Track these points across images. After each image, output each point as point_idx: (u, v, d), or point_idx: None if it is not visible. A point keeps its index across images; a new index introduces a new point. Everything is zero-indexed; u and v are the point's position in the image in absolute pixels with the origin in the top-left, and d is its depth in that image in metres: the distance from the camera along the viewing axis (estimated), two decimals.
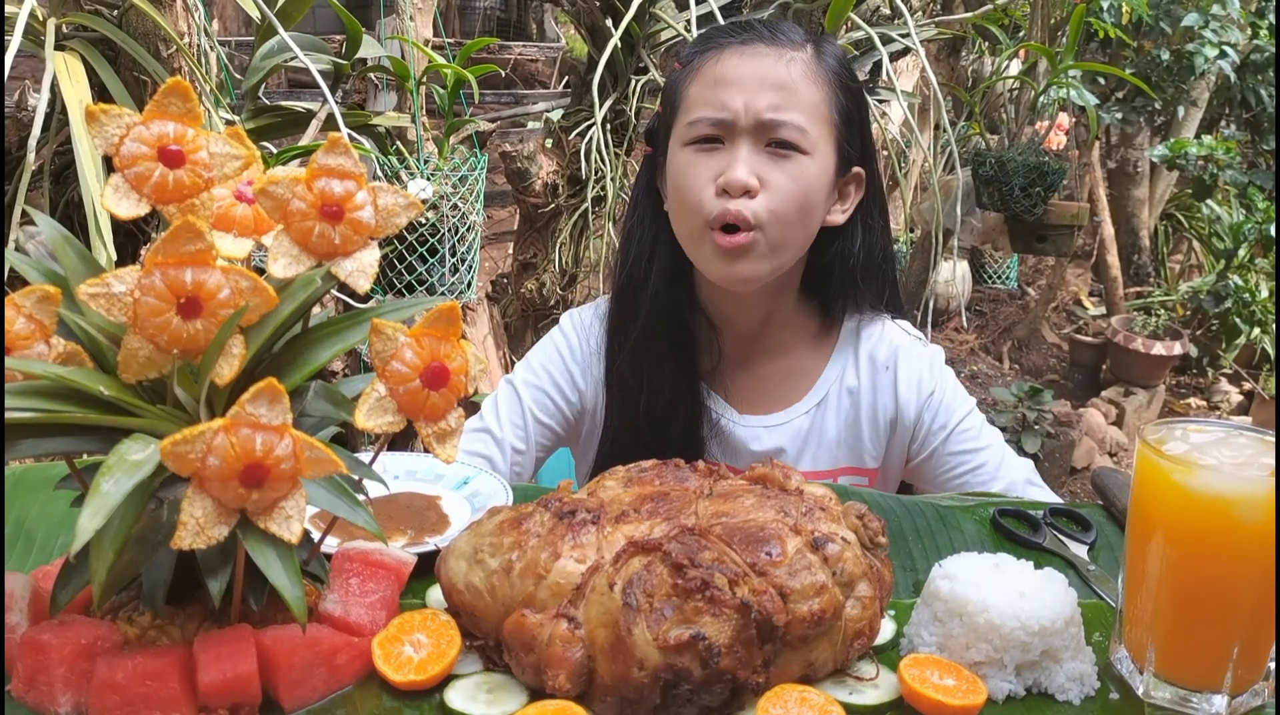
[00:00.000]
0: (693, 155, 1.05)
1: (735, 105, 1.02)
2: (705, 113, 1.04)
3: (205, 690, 0.60)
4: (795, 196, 1.03)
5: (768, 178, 1.02)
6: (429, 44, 2.08)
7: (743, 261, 1.04)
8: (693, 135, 1.05)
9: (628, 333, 1.14)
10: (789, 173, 1.03)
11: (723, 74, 1.04)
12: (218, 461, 0.54)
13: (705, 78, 1.06)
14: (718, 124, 1.03)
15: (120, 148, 0.61)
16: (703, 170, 1.04)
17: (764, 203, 1.03)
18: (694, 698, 0.63)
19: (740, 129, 1.03)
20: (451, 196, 1.89)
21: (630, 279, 1.15)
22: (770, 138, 1.03)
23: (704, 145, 1.04)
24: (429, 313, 0.63)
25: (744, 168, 1.02)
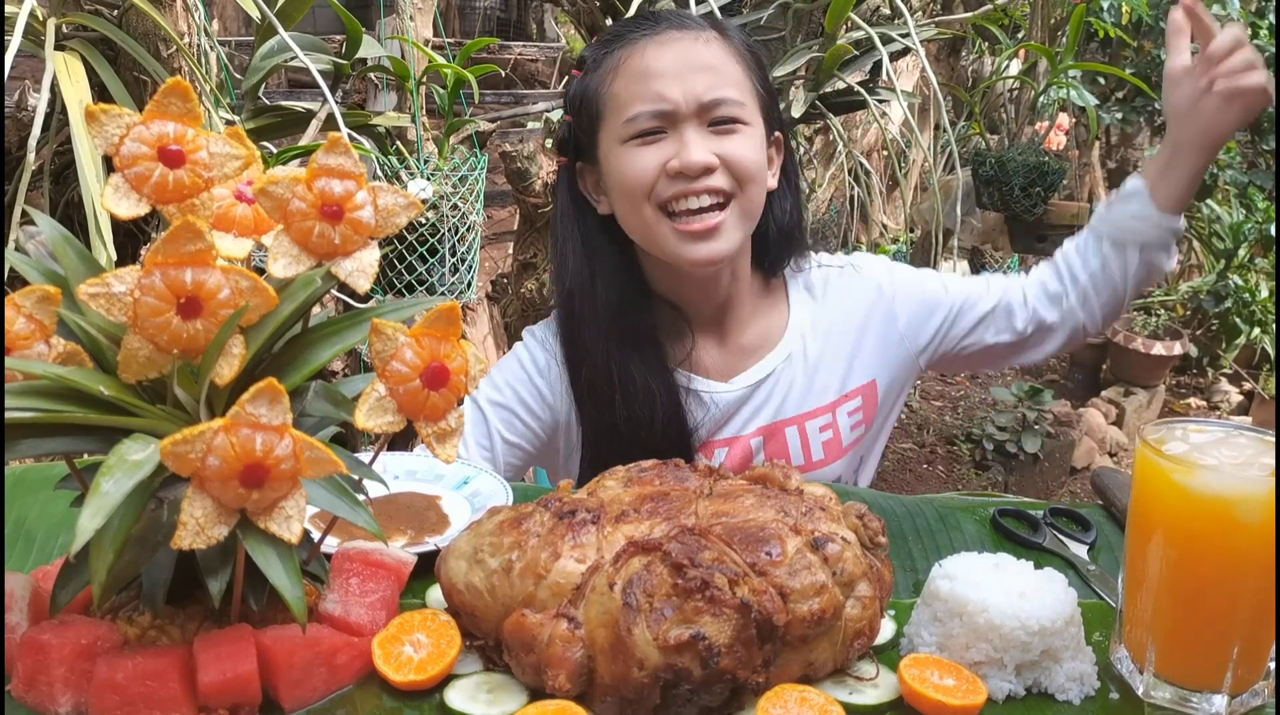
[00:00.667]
0: (635, 149, 1.05)
1: (673, 94, 1.03)
2: (642, 107, 1.04)
3: (205, 690, 0.60)
4: (753, 163, 1.06)
5: (723, 151, 1.04)
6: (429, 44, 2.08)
7: (717, 239, 1.05)
8: (633, 131, 1.05)
9: (584, 344, 1.13)
10: (740, 143, 1.05)
11: (649, 66, 1.05)
12: (218, 461, 0.54)
13: (630, 73, 1.06)
14: (658, 115, 1.04)
15: (120, 148, 0.61)
16: (650, 159, 1.04)
17: (725, 175, 1.04)
18: (694, 698, 0.63)
19: (683, 115, 1.03)
20: (451, 196, 1.89)
21: (574, 291, 1.13)
22: (714, 116, 1.04)
23: (646, 138, 1.05)
24: (429, 313, 0.63)
25: (697, 148, 1.03)
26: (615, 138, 1.07)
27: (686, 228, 1.04)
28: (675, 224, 1.04)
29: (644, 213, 1.06)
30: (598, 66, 1.09)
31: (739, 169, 1.04)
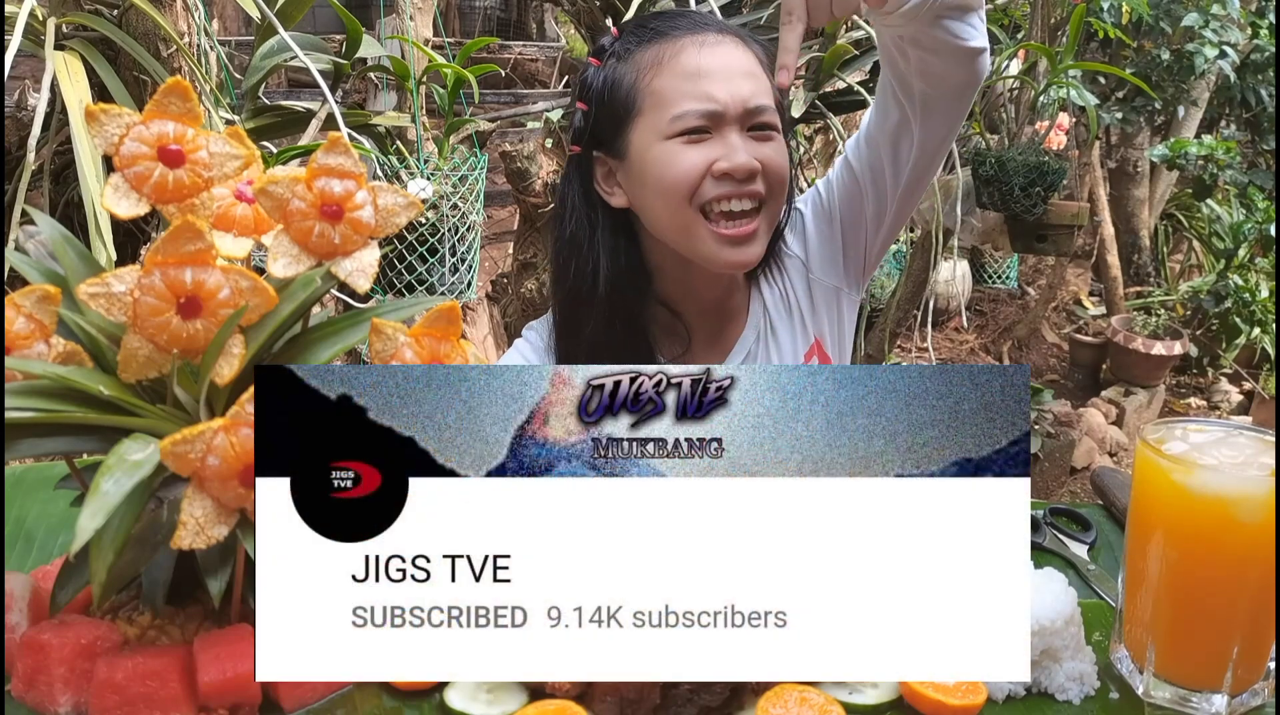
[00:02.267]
0: (680, 147, 1.05)
1: (722, 96, 1.04)
2: (691, 105, 1.04)
3: (205, 690, 0.60)
4: (785, 169, 1.08)
5: (762, 158, 1.05)
6: (429, 44, 2.08)
7: (753, 243, 1.07)
8: (680, 128, 1.05)
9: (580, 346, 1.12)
10: (776, 150, 1.07)
11: (701, 65, 1.05)
12: (218, 461, 0.54)
13: (676, 70, 1.05)
14: (707, 115, 1.04)
15: (120, 147, 0.61)
16: (695, 159, 1.04)
17: (764, 183, 1.06)
18: (694, 697, 0.63)
19: (729, 118, 1.04)
20: (451, 196, 1.89)
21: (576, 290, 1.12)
22: (753, 123, 1.06)
23: (692, 137, 1.05)
24: (429, 312, 0.63)
25: (745, 153, 1.04)
26: (655, 133, 1.06)
27: (726, 232, 1.05)
28: (714, 227, 1.05)
29: (683, 212, 1.05)
30: (628, 58, 1.08)
31: (775, 176, 1.06)
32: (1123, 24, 3.43)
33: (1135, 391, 4.27)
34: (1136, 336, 4.22)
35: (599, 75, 1.10)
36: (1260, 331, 4.25)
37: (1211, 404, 4.42)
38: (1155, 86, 3.49)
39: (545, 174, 2.18)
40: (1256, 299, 4.17)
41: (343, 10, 1.73)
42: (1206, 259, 5.02)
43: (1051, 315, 5.14)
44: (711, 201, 1.04)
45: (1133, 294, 4.90)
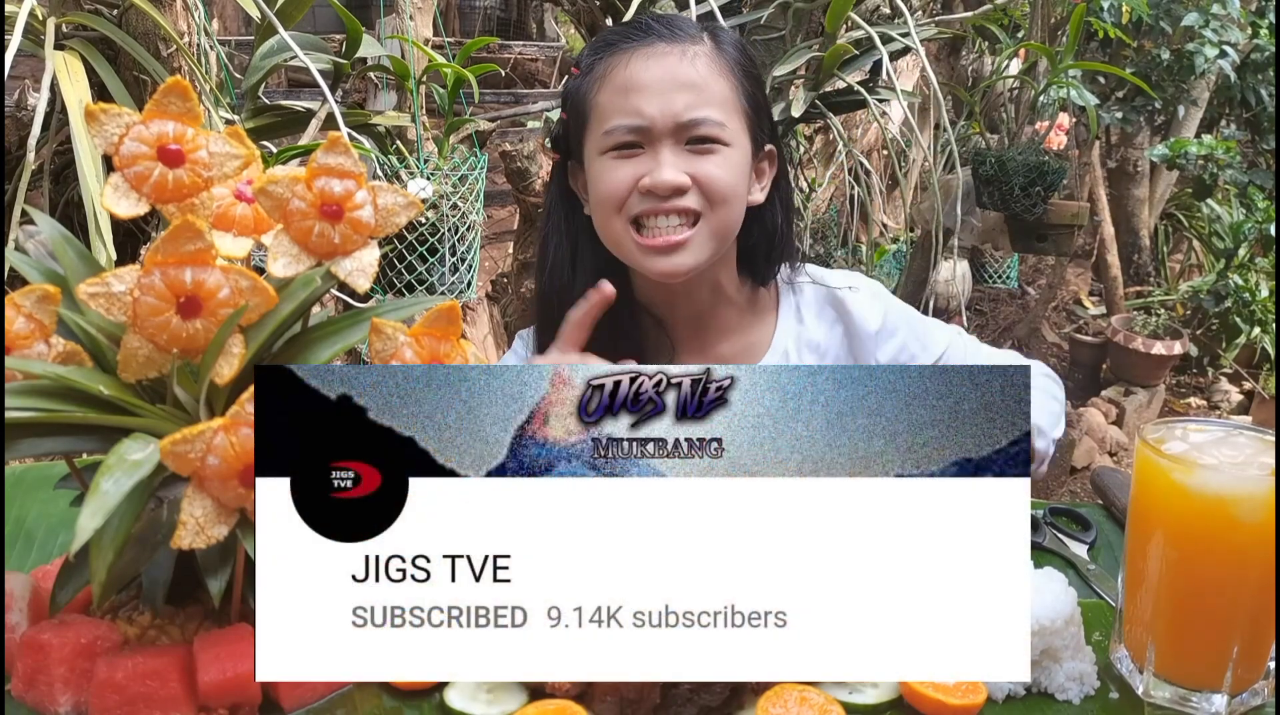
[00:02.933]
0: (612, 161, 1.05)
1: (650, 111, 1.03)
2: (620, 120, 1.04)
3: (205, 690, 0.60)
4: (726, 183, 1.05)
5: (697, 172, 1.03)
6: (429, 43, 2.08)
7: (682, 253, 1.05)
8: (610, 143, 1.05)
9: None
10: (716, 164, 1.04)
11: (631, 80, 1.04)
12: (218, 461, 0.54)
13: (613, 84, 1.05)
14: (634, 130, 1.04)
15: (120, 147, 0.61)
16: (623, 174, 1.04)
17: (697, 196, 1.04)
18: (694, 697, 0.63)
19: (658, 133, 1.03)
20: (451, 196, 1.89)
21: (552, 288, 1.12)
22: (690, 135, 1.04)
23: (622, 152, 1.05)
24: (429, 312, 0.63)
25: (669, 169, 1.02)
26: (596, 147, 1.07)
27: (649, 242, 1.04)
28: (639, 238, 1.05)
29: (614, 225, 1.06)
30: (589, 71, 1.09)
31: (711, 191, 1.04)
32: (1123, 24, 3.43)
33: (1135, 391, 4.26)
34: (1136, 336, 4.22)
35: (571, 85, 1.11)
36: (1260, 331, 4.25)
37: (1211, 404, 4.42)
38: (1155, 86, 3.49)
39: (545, 174, 2.18)
40: (1256, 299, 4.17)
41: (343, 10, 1.73)
42: (1206, 259, 5.02)
43: (1051, 315, 5.14)
44: (640, 216, 1.04)
45: (1133, 294, 4.90)
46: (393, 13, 2.11)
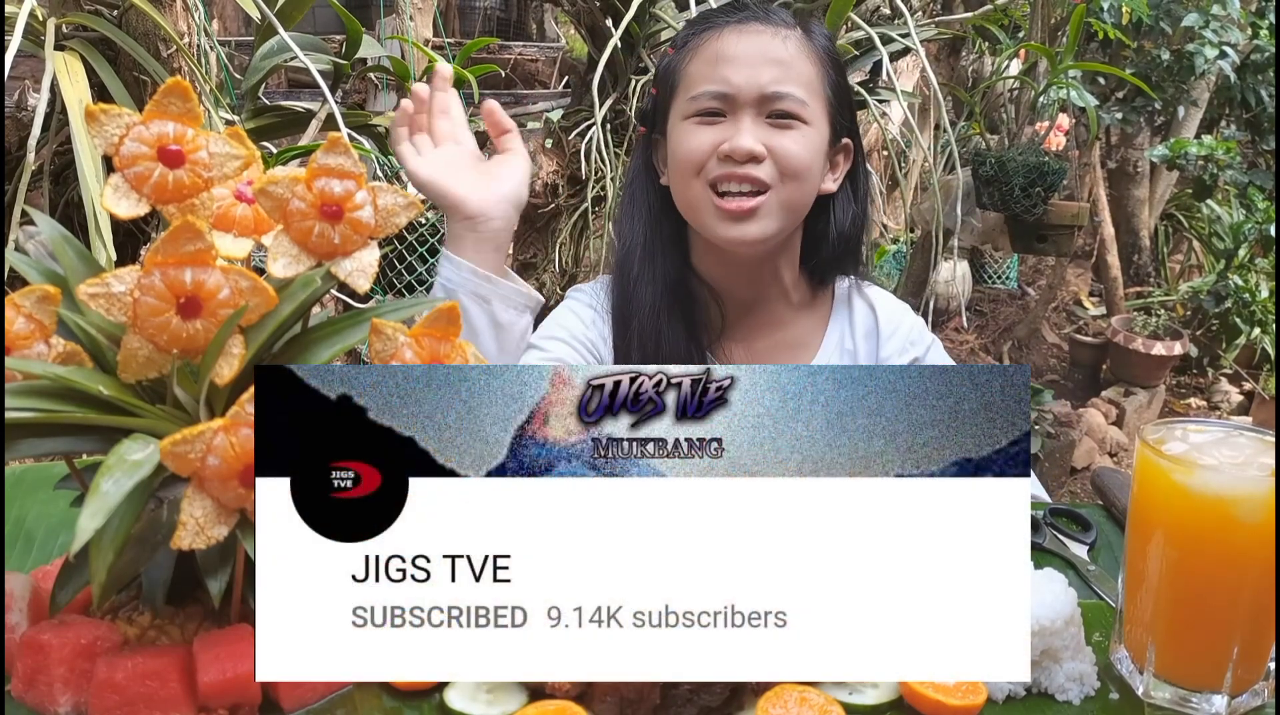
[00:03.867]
0: (694, 126, 1.09)
1: (737, 80, 1.07)
2: (707, 87, 1.08)
3: (205, 690, 0.60)
4: (802, 158, 1.08)
5: (773, 144, 1.07)
6: (429, 44, 2.08)
7: (753, 222, 1.08)
8: (695, 109, 1.09)
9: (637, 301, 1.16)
10: (793, 139, 1.08)
11: (723, 51, 1.09)
12: (217, 461, 0.54)
13: (705, 55, 1.10)
14: (719, 97, 1.07)
15: (120, 147, 0.61)
16: (705, 138, 1.08)
17: (770, 167, 1.07)
18: (694, 697, 0.63)
19: (742, 102, 1.07)
20: None
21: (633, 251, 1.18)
22: (772, 109, 1.07)
23: (706, 118, 1.09)
24: (429, 312, 0.63)
25: (749, 136, 1.06)
26: (680, 113, 1.11)
27: (725, 206, 1.08)
28: (717, 200, 1.08)
29: (693, 187, 1.10)
30: (683, 45, 1.14)
31: (784, 163, 1.07)
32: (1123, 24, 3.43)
33: (1135, 391, 4.26)
34: (1136, 336, 4.22)
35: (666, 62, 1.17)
36: (1260, 331, 4.25)
37: (1211, 404, 4.42)
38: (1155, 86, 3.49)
39: (545, 174, 2.18)
40: (1256, 299, 4.17)
41: (343, 10, 1.73)
42: (1206, 259, 5.02)
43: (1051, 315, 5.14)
44: (716, 179, 1.08)
45: (1133, 294, 4.90)
46: (393, 13, 2.11)
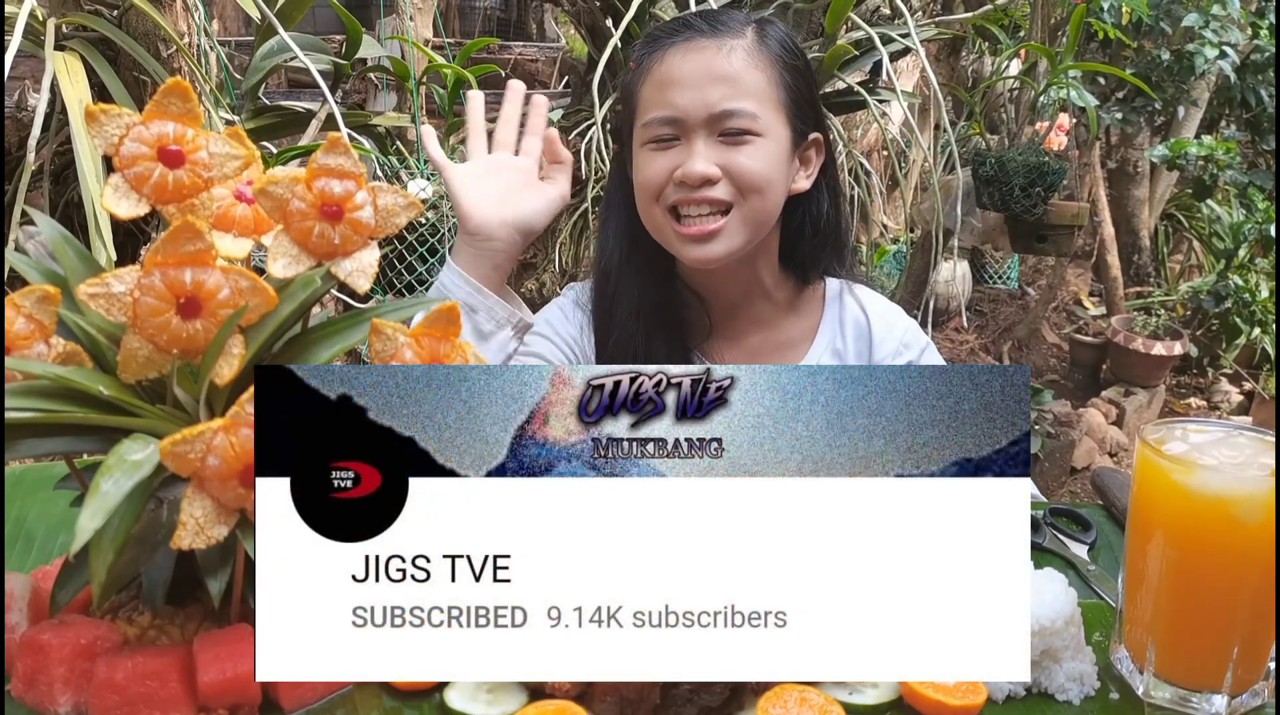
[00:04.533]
0: (650, 153, 1.09)
1: (683, 103, 1.06)
2: (656, 113, 1.08)
3: (205, 690, 0.60)
4: (758, 173, 1.07)
5: (728, 162, 1.06)
6: (429, 44, 2.08)
7: (716, 242, 1.08)
8: (648, 136, 1.09)
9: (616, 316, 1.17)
10: (748, 154, 1.07)
11: (668, 74, 1.08)
12: (217, 461, 0.54)
13: (654, 79, 1.10)
14: (668, 122, 1.07)
15: (120, 148, 0.61)
16: (660, 165, 1.08)
17: (728, 186, 1.07)
18: (694, 697, 0.63)
19: (692, 125, 1.06)
20: None
21: (610, 267, 1.18)
22: (723, 128, 1.07)
23: (659, 144, 1.09)
24: (429, 313, 0.63)
25: (700, 160, 1.06)
26: (638, 139, 1.12)
27: (685, 230, 1.08)
28: (676, 226, 1.08)
29: (654, 213, 1.10)
30: (639, 65, 1.13)
31: (741, 180, 1.07)
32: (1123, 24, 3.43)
33: (1135, 391, 4.26)
34: (1136, 336, 4.22)
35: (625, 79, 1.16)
36: (1260, 331, 4.25)
37: (1211, 404, 4.42)
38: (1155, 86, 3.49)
39: None
40: (1256, 299, 4.17)
41: (343, 10, 1.73)
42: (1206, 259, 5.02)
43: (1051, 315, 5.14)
44: (675, 204, 1.08)
45: (1133, 294, 4.90)
46: (393, 13, 2.11)
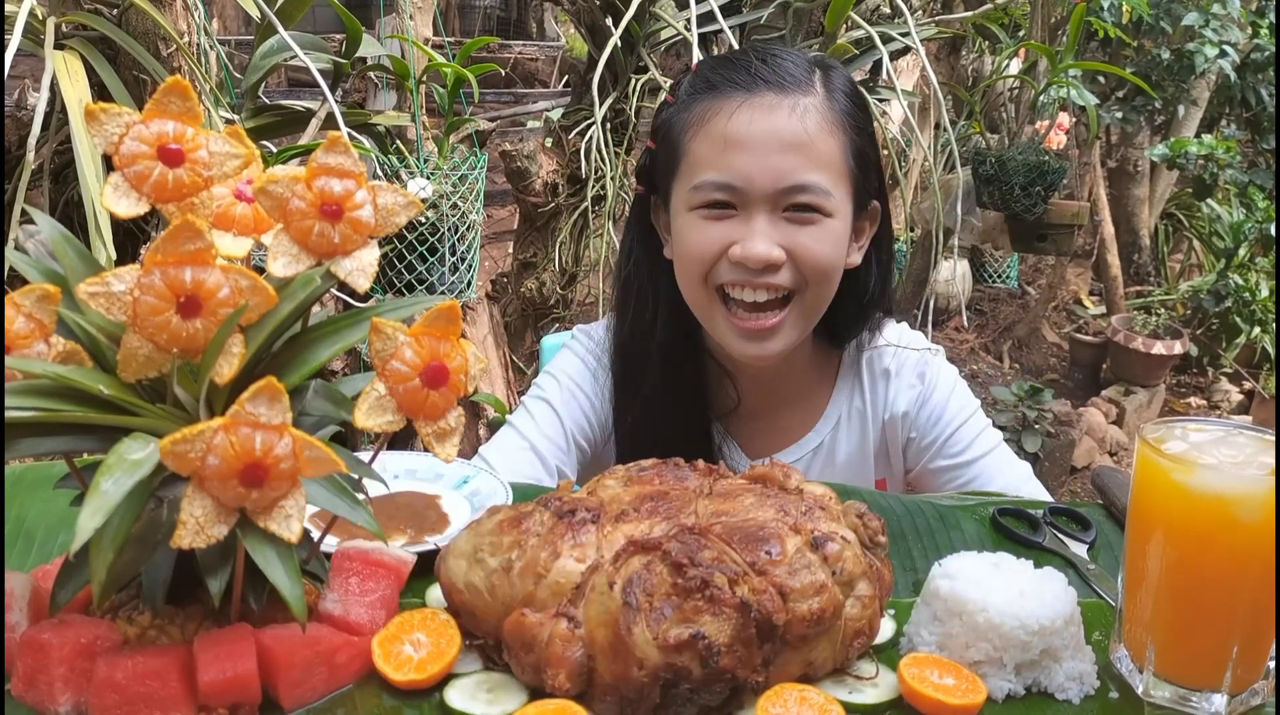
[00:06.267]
0: (700, 221, 0.96)
1: (749, 170, 0.93)
2: (713, 176, 0.95)
3: (205, 690, 0.60)
4: (827, 258, 0.95)
5: (794, 245, 0.94)
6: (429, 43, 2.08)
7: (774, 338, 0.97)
8: (700, 200, 0.96)
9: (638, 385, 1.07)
10: (815, 237, 0.95)
11: (732, 133, 0.94)
12: (217, 461, 0.54)
13: (712, 136, 0.95)
14: (727, 189, 0.94)
15: (120, 146, 0.61)
16: (713, 236, 0.95)
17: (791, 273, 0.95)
18: (694, 697, 0.63)
19: (755, 197, 0.94)
20: (451, 196, 1.89)
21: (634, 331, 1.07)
22: (790, 202, 0.94)
23: (713, 211, 0.96)
24: (429, 312, 0.63)
25: (763, 240, 0.93)
26: (684, 200, 0.98)
27: (742, 324, 0.96)
28: (731, 315, 0.96)
29: (699, 291, 0.98)
30: (687, 108, 0.99)
31: (808, 267, 0.95)
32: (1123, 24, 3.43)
33: (1135, 391, 4.27)
34: (1136, 336, 4.22)
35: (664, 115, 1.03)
36: (1260, 331, 4.25)
37: (1211, 404, 4.42)
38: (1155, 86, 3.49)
39: (545, 174, 2.18)
40: (1256, 299, 4.17)
41: (343, 10, 1.73)
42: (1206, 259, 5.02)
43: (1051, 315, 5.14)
44: (727, 285, 0.96)
45: (1133, 293, 4.90)
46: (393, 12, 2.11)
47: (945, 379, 1.16)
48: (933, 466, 1.15)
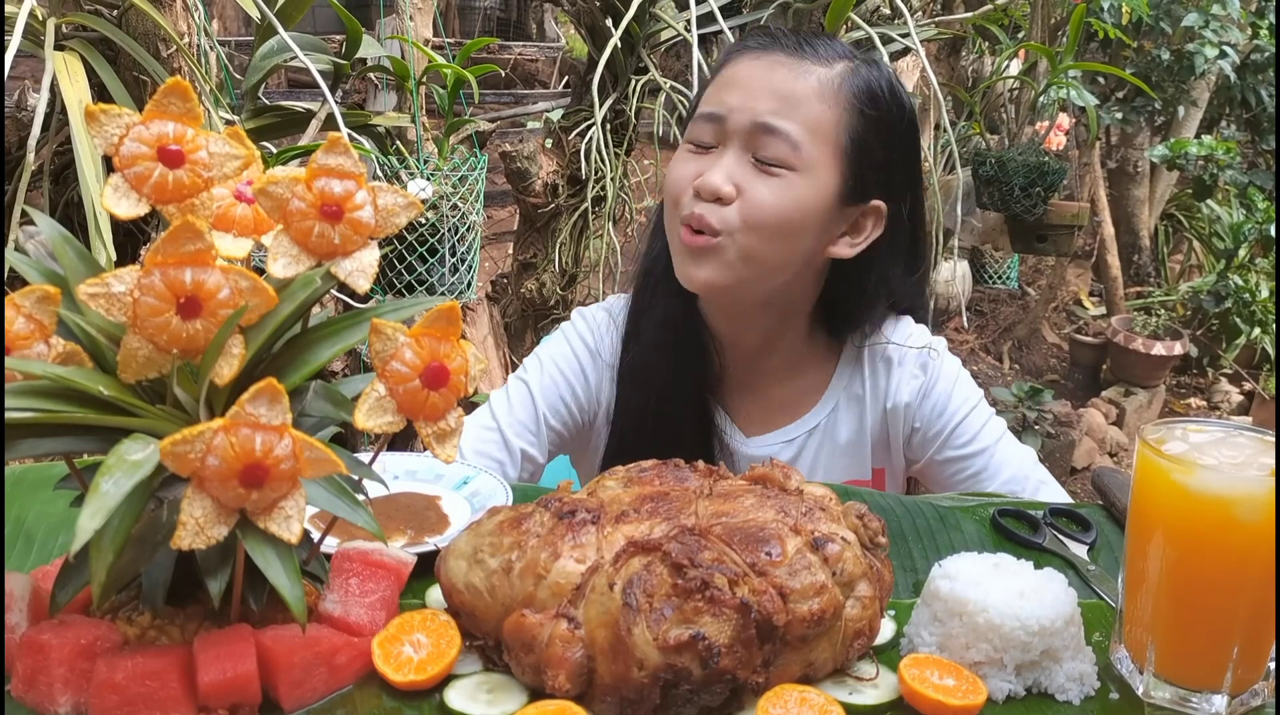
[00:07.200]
0: (685, 154, 1.04)
1: (731, 103, 1.00)
2: (705, 108, 1.03)
3: (205, 690, 0.60)
4: (773, 211, 0.99)
5: (746, 188, 0.99)
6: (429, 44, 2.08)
7: (704, 265, 1.01)
8: (691, 135, 1.04)
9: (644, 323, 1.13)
10: (771, 188, 0.99)
11: (731, 75, 1.03)
12: (217, 461, 0.54)
13: (716, 81, 1.05)
14: (711, 119, 1.01)
15: (120, 147, 0.61)
16: (688, 169, 1.02)
17: (735, 211, 0.99)
18: (694, 698, 0.63)
19: (730, 130, 1.00)
20: (451, 196, 1.89)
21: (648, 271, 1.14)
22: (759, 148, 0.99)
23: (698, 149, 1.03)
24: (429, 313, 0.63)
25: (720, 173, 0.98)
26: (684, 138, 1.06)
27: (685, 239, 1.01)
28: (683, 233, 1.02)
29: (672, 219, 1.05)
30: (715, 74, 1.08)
31: (750, 214, 0.98)
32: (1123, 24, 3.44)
33: (1135, 391, 4.27)
34: (1136, 336, 4.22)
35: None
36: (1260, 331, 4.26)
37: (1211, 404, 4.42)
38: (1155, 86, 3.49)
39: (545, 174, 2.18)
40: (1256, 299, 4.17)
41: (343, 10, 1.73)
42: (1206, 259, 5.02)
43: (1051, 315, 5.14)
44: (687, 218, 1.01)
45: (1133, 294, 4.90)
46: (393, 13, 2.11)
47: (948, 370, 1.18)
48: (940, 458, 1.16)
